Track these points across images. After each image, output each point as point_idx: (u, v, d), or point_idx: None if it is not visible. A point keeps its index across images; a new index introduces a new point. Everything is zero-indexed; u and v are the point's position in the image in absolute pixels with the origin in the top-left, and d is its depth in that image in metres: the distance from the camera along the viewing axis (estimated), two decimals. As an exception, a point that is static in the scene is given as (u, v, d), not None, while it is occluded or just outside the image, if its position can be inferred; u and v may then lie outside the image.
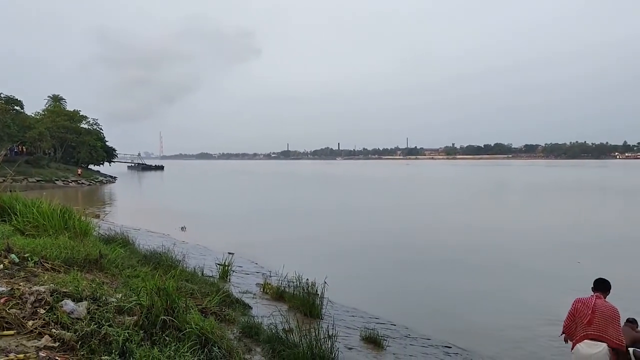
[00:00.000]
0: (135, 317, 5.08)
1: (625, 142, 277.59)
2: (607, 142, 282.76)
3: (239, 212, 34.03)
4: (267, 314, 7.95)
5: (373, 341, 8.29)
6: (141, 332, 4.81)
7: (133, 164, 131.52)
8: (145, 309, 5.08)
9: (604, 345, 6.11)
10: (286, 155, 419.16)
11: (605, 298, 6.51)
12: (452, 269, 16.84)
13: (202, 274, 10.63)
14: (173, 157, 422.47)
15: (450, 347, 9.76)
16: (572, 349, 6.47)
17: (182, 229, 24.53)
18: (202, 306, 6.67)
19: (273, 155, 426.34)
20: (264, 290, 11.17)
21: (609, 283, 6.66)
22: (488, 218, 30.90)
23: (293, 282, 10.37)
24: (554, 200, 45.33)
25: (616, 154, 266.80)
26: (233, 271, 12.65)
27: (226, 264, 12.27)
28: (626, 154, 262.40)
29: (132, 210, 35.41)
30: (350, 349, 7.72)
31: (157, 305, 5.09)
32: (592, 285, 6.73)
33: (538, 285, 14.53)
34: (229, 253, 15.94)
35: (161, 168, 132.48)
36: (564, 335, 6.79)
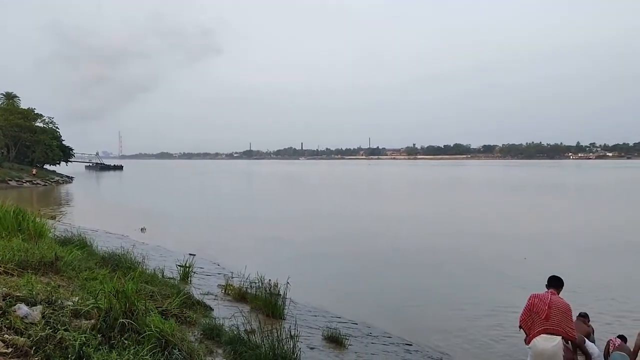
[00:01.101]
0: (92, 321, 4.97)
1: (578, 142, 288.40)
2: (561, 143, 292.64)
3: (200, 213, 33.64)
4: (229, 315, 7.90)
5: (335, 340, 8.35)
6: (99, 336, 4.71)
7: (91, 164, 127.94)
8: (103, 312, 4.98)
9: (559, 338, 6.37)
10: (249, 155, 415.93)
11: (558, 294, 6.74)
12: (410, 266, 17.22)
13: (163, 276, 10.45)
14: (132, 157, 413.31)
15: (411, 345, 9.93)
16: (528, 343, 6.65)
17: (142, 230, 24.07)
18: (163, 308, 6.57)
19: (235, 155, 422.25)
20: (225, 291, 11.08)
21: (562, 280, 6.91)
22: (441, 216, 31.66)
23: (255, 282, 10.33)
24: (503, 198, 47.06)
25: (569, 154, 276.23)
26: (194, 272, 12.50)
27: (187, 265, 12.12)
28: (579, 155, 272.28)
29: (90, 211, 34.52)
30: (312, 348, 7.75)
31: (115, 308, 4.99)
32: (547, 283, 6.95)
33: (489, 281, 15.09)
34: (190, 254, 15.76)
35: (120, 168, 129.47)
36: (522, 329, 6.99)
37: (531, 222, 29.01)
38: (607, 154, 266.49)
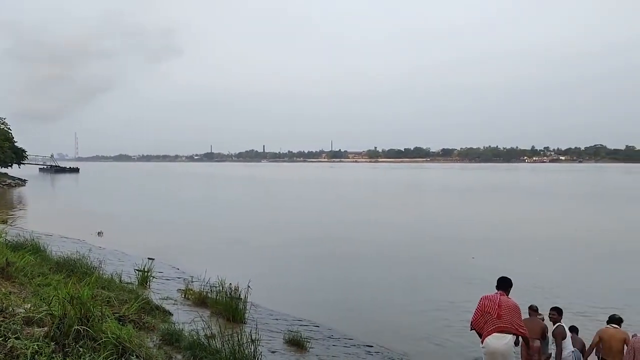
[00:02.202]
0: (45, 328, 4.82)
1: (533, 146, 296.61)
2: (516, 147, 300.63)
3: (159, 216, 33.07)
4: (188, 320, 7.79)
5: (296, 343, 8.35)
6: (52, 343, 4.57)
7: (45, 166, 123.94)
8: (57, 319, 4.83)
9: (509, 336, 6.68)
10: (209, 157, 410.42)
11: (507, 295, 6.99)
12: (369, 268, 17.49)
13: (120, 281, 10.23)
14: (89, 159, 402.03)
15: (372, 347, 10.04)
16: (482, 342, 6.84)
17: (99, 234, 23.49)
18: (120, 314, 6.41)
19: (196, 157, 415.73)
20: (185, 295, 10.93)
21: (510, 281, 7.18)
22: (397, 219, 32.17)
23: (216, 286, 10.21)
24: (454, 200, 48.41)
25: (525, 158, 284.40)
26: (153, 277, 12.27)
27: (146, 269, 11.87)
28: (534, 158, 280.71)
29: (44, 215, 33.43)
30: (273, 352, 7.73)
31: (70, 314, 4.85)
32: (496, 284, 7.16)
33: (443, 281, 15.61)
34: (149, 258, 15.45)
35: (76, 170, 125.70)
36: (473, 330, 7.19)
37: (478, 222, 30.06)
38: (560, 157, 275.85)
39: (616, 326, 7.83)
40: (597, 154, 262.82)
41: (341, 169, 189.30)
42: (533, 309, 8.93)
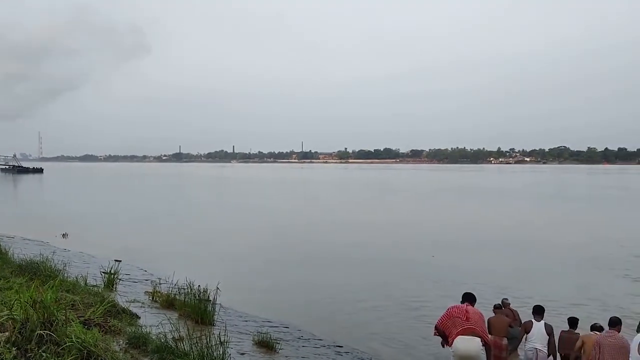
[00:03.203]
0: (7, 334, 4.69)
1: (499, 148, 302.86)
2: (483, 148, 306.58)
3: (126, 217, 32.51)
4: (156, 323, 7.67)
5: (266, 345, 8.32)
6: (14, 349, 4.45)
7: (7, 167, 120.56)
8: (19, 324, 4.71)
9: (479, 339, 6.85)
10: (178, 157, 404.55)
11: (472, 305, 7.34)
12: (339, 269, 17.62)
13: (86, 284, 10.00)
14: (54, 160, 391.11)
15: (342, 347, 10.09)
16: (450, 344, 6.99)
17: (64, 235, 22.99)
18: (85, 318, 6.28)
19: (164, 158, 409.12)
20: (153, 298, 10.76)
21: (474, 296, 7.50)
22: (364, 219, 32.58)
23: (184, 288, 10.10)
24: (420, 201, 49.39)
25: (491, 159, 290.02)
26: (120, 279, 12.06)
27: (112, 272, 11.65)
28: (499, 159, 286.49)
29: (6, 216, 32.40)
30: (242, 354, 7.68)
31: (32, 319, 4.74)
32: (461, 299, 7.58)
33: (408, 280, 15.90)
34: (116, 260, 15.19)
35: (40, 171, 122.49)
36: (437, 334, 7.38)
37: (438, 222, 30.86)
38: (525, 158, 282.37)
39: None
40: (560, 155, 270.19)
41: (311, 169, 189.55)
42: (497, 307, 9.12)
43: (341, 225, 28.94)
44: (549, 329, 8.18)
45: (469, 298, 7.50)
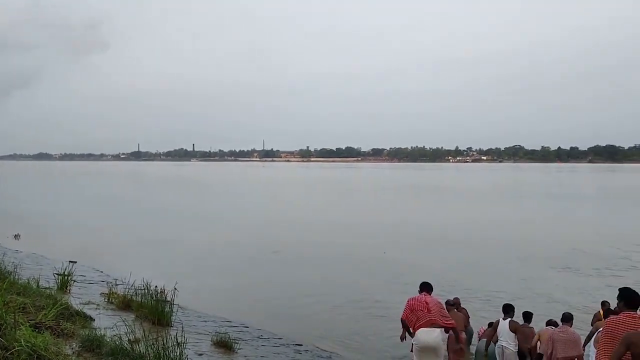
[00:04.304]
0: (-49, 339, 4.52)
1: (457, 147, 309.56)
2: (442, 147, 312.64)
3: (81, 218, 31.64)
4: (111, 325, 7.52)
5: (224, 345, 8.27)
6: (-41, 355, 4.30)
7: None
8: (-35, 329, 4.55)
9: (439, 330, 7.18)
10: (137, 156, 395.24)
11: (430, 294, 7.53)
12: (298, 267, 17.81)
13: (38, 286, 9.69)
14: (5, 158, 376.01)
15: (301, 345, 10.14)
16: (412, 335, 7.22)
17: (16, 236, 22.27)
18: (36, 321, 6.11)
19: (122, 156, 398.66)
20: (109, 299, 10.54)
21: (431, 285, 7.70)
22: (321, 215, 33.39)
23: (141, 289, 9.92)
24: (373, 198, 50.87)
25: (449, 157, 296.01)
26: (74, 281, 11.74)
27: (66, 273, 11.33)
28: (457, 158, 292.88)
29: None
30: (200, 355, 7.62)
31: (-21, 323, 4.59)
32: (419, 288, 7.85)
33: (362, 276, 16.29)
34: (71, 262, 14.77)
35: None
36: (403, 329, 7.56)
37: (391, 219, 31.68)
38: (482, 157, 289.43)
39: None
40: (515, 154, 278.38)
41: (273, 168, 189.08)
42: (450, 304, 9.38)
43: (299, 224, 29.13)
44: (512, 327, 8.42)
45: (426, 287, 7.76)
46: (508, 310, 8.71)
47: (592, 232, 26.17)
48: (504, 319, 8.62)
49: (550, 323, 8.72)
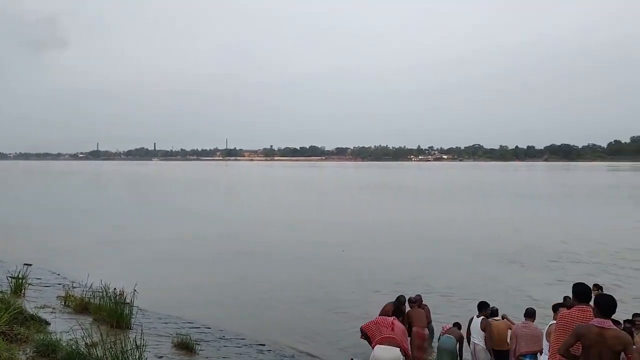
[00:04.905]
0: None
1: (419, 146, 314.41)
2: (404, 146, 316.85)
3: (36, 219, 30.66)
4: (67, 328, 7.34)
5: (186, 347, 8.17)
6: None
7: None
8: None
9: (398, 350, 7.09)
10: (96, 155, 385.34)
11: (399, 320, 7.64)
12: (258, 266, 17.77)
13: (-10, 290, 9.38)
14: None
15: (264, 345, 10.12)
16: (372, 347, 7.26)
17: (-35, 240, 21.37)
18: (-13, 327, 5.92)
19: (81, 156, 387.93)
20: (65, 303, 10.27)
21: (403, 312, 7.76)
22: (281, 215, 33.50)
23: (100, 291, 9.69)
24: (335, 197, 51.44)
25: (411, 156, 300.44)
26: (29, 284, 11.38)
27: (20, 276, 10.98)
28: (419, 157, 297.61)
29: None
30: (160, 357, 7.51)
31: None
32: (391, 312, 8.08)
33: (322, 276, 16.33)
34: (26, 264, 14.29)
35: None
36: (362, 337, 7.61)
37: (351, 217, 32.28)
38: (443, 156, 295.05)
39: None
40: (475, 153, 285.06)
41: (236, 167, 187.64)
42: (412, 301, 9.52)
43: (259, 223, 29.12)
44: (483, 324, 8.57)
45: (397, 313, 8.03)
46: (482, 307, 8.87)
47: (547, 229, 27.02)
48: (477, 316, 8.76)
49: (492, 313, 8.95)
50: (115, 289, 9.60)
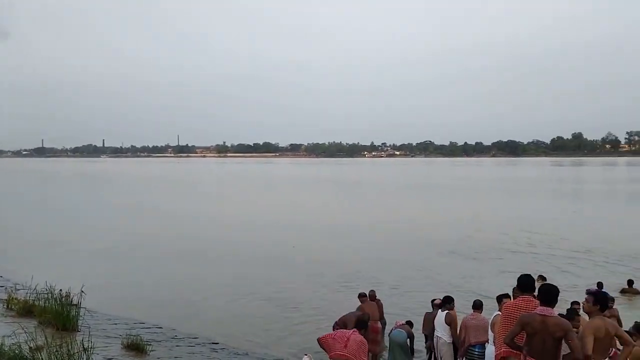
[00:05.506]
0: None
1: (372, 142, 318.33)
2: (358, 143, 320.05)
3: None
4: (10, 332, 7.07)
5: (136, 348, 8.01)
6: None
7: None
8: None
9: None
10: (41, 152, 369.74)
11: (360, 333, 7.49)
12: (211, 265, 17.67)
13: None
14: None
15: (217, 344, 10.05)
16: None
17: None
18: None
19: (24, 153, 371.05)
20: (8, 306, 9.87)
21: (366, 323, 7.73)
22: (231, 212, 33.65)
23: (45, 293, 9.37)
24: (282, 193, 51.93)
25: (365, 153, 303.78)
26: (-33, 288, 10.89)
27: (-43, 280, 10.49)
28: (373, 153, 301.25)
29: None
30: (109, 359, 7.34)
31: None
32: (354, 325, 7.69)
33: (273, 272, 16.40)
34: (-37, 267, 13.70)
35: None
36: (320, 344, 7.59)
37: (300, 213, 32.77)
38: (396, 152, 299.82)
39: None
40: (426, 149, 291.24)
41: (188, 164, 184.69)
42: (371, 296, 9.67)
43: (209, 221, 29.01)
44: (448, 319, 8.72)
45: (360, 326, 7.77)
46: (445, 301, 9.03)
47: (491, 221, 28.08)
48: (442, 310, 8.92)
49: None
50: (61, 290, 9.30)
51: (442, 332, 8.65)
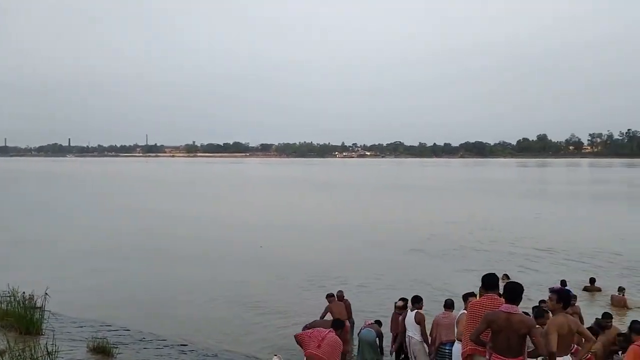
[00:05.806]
0: None
1: (343, 143, 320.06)
2: (329, 143, 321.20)
3: None
4: (-31, 337, 6.88)
5: (102, 351, 7.87)
6: None
7: None
8: None
9: None
10: (4, 151, 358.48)
11: (336, 333, 7.50)
12: (179, 265, 17.49)
13: None
14: None
15: (186, 345, 9.97)
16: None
17: None
18: None
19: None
20: (-33, 310, 9.58)
21: (343, 323, 7.76)
22: (199, 211, 33.55)
23: (7, 296, 9.14)
24: (251, 193, 52.55)
25: (336, 153, 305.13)
26: None
27: None
28: (344, 153, 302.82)
29: None
30: (75, 363, 7.22)
31: None
32: (331, 325, 7.74)
33: (242, 272, 16.46)
34: None
35: None
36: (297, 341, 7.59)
37: (268, 213, 33.02)
38: (367, 153, 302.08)
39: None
40: (396, 149, 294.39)
41: (157, 163, 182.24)
42: (339, 296, 9.74)
43: (175, 220, 28.79)
44: (417, 318, 8.81)
45: (337, 325, 7.71)
46: (415, 301, 9.14)
47: (456, 220, 28.57)
48: (411, 310, 9.01)
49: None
50: (24, 292, 9.09)
51: (413, 331, 8.77)
